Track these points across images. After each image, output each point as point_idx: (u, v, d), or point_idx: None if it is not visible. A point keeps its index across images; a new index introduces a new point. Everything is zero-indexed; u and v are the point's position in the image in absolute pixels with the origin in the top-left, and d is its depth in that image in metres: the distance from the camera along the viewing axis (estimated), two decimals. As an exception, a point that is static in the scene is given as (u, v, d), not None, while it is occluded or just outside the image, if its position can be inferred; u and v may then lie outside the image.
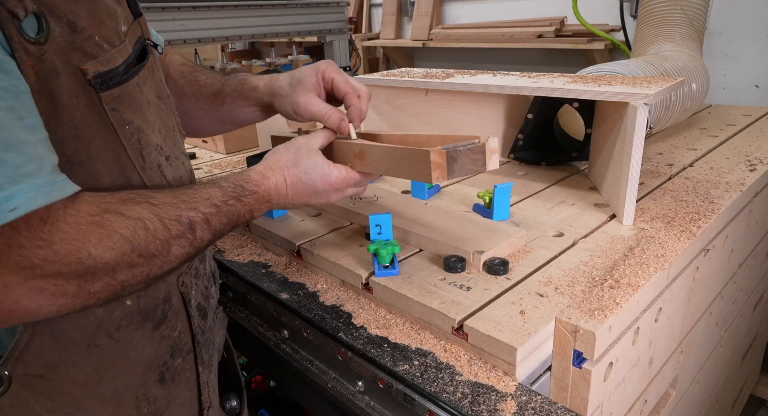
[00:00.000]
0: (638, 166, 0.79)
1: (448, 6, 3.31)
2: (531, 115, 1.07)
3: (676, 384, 0.91)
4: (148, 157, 0.56)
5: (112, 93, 0.51)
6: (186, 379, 0.63)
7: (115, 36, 0.52)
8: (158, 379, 0.60)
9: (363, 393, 0.65)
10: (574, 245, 0.78)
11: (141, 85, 0.56)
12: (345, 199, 0.90)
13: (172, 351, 0.61)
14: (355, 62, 3.33)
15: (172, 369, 0.61)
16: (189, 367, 0.64)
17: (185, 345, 0.63)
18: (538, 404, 0.53)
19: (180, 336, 0.62)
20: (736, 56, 2.10)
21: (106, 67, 0.50)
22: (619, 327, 0.61)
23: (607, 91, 0.84)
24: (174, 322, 0.61)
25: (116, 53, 0.51)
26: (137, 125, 0.54)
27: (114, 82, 0.51)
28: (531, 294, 0.65)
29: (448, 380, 0.57)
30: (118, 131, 0.52)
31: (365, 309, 0.70)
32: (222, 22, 2.09)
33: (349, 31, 2.69)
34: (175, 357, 0.62)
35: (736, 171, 1.03)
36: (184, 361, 0.63)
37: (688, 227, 0.80)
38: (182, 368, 0.63)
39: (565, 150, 1.11)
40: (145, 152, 0.56)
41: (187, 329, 0.63)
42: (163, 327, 0.59)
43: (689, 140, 1.26)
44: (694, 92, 1.23)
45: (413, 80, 1.10)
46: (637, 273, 0.67)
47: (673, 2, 1.50)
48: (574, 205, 0.91)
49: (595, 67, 1.10)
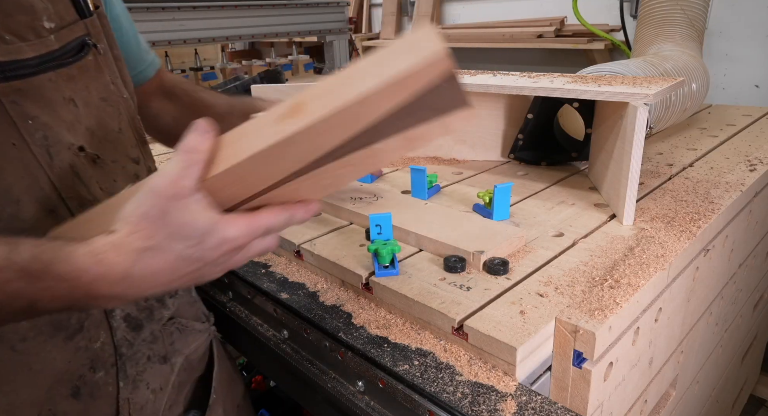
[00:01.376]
0: (638, 166, 0.79)
1: (448, 6, 3.31)
2: (531, 115, 1.07)
3: (676, 384, 0.91)
4: (56, 155, 0.54)
5: (12, 85, 0.50)
6: (107, 394, 0.60)
7: (29, 30, 0.52)
8: (71, 393, 0.57)
9: (363, 393, 0.65)
10: (574, 245, 0.78)
11: (59, 82, 0.55)
12: (345, 199, 0.90)
13: (92, 364, 0.58)
14: (355, 62, 3.33)
15: (91, 382, 0.58)
16: (111, 382, 0.61)
17: (108, 358, 0.60)
18: (538, 404, 0.53)
19: (103, 347, 0.59)
20: (736, 56, 2.10)
21: (6, 57, 0.50)
22: (619, 327, 0.62)
23: (607, 91, 0.84)
24: (94, 332, 0.58)
25: (26, 46, 0.51)
26: (44, 121, 0.53)
27: (15, 74, 0.50)
28: (531, 294, 0.65)
29: (448, 380, 0.57)
30: (18, 125, 0.51)
31: (365, 309, 0.70)
32: (222, 22, 2.09)
33: (349, 31, 2.69)
34: (96, 370, 0.59)
35: (736, 171, 1.03)
36: (107, 375, 0.60)
37: (688, 227, 0.80)
38: (104, 382, 0.60)
39: (565, 150, 1.11)
40: (53, 150, 0.54)
41: (109, 340, 0.60)
42: (79, 337, 0.56)
43: (689, 140, 1.26)
44: (694, 92, 1.23)
45: (413, 80, 1.10)
46: (637, 273, 0.67)
47: (673, 2, 1.50)
48: (574, 205, 0.91)
49: (595, 67, 1.10)
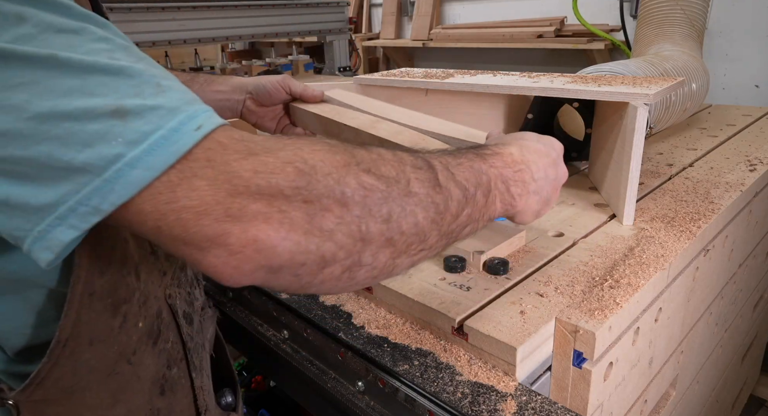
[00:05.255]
0: (638, 166, 0.79)
1: (448, 6, 3.31)
2: (531, 115, 1.07)
3: (676, 384, 0.91)
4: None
5: None
6: (182, 387, 0.63)
7: None
8: (159, 392, 0.59)
9: (363, 393, 0.65)
10: (574, 245, 0.78)
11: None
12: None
13: (168, 363, 0.61)
14: (355, 62, 3.33)
15: (170, 379, 0.61)
16: (183, 375, 0.63)
17: (178, 354, 0.62)
18: (538, 404, 0.53)
19: (173, 346, 0.61)
20: (736, 56, 2.10)
21: None
22: (619, 327, 0.62)
23: (607, 91, 0.84)
24: (167, 334, 0.60)
25: None
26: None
27: None
28: (531, 294, 0.65)
29: (448, 380, 0.57)
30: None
31: (365, 309, 0.70)
32: (222, 22, 2.09)
33: (349, 31, 2.69)
34: (171, 368, 0.61)
35: (736, 171, 1.03)
36: (179, 370, 0.62)
37: (688, 227, 0.80)
38: (178, 376, 0.62)
39: (565, 150, 1.11)
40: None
41: (178, 338, 0.62)
42: (160, 341, 0.59)
43: (689, 140, 1.26)
44: (694, 92, 1.23)
45: (413, 80, 1.10)
46: (637, 273, 0.67)
47: (673, 2, 1.50)
48: (574, 205, 0.91)
49: (595, 67, 1.10)
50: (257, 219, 0.35)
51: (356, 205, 0.37)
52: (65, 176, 0.33)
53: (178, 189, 0.34)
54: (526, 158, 0.53)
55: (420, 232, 0.41)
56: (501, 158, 0.51)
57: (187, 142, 0.35)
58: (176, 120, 0.35)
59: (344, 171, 0.37)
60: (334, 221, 0.36)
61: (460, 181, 0.45)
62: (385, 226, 0.39)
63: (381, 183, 0.39)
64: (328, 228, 0.36)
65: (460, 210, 0.44)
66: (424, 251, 0.43)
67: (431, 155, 0.45)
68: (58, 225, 0.34)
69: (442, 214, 0.42)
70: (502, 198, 0.50)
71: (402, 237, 0.40)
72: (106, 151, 0.33)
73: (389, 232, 0.39)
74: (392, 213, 0.39)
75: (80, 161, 0.33)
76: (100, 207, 0.34)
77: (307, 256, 0.36)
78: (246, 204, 0.35)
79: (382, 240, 0.39)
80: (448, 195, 0.43)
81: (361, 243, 0.38)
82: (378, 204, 0.38)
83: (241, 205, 0.34)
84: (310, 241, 0.36)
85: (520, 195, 0.51)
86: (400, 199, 0.39)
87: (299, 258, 0.36)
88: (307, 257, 0.36)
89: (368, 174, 0.38)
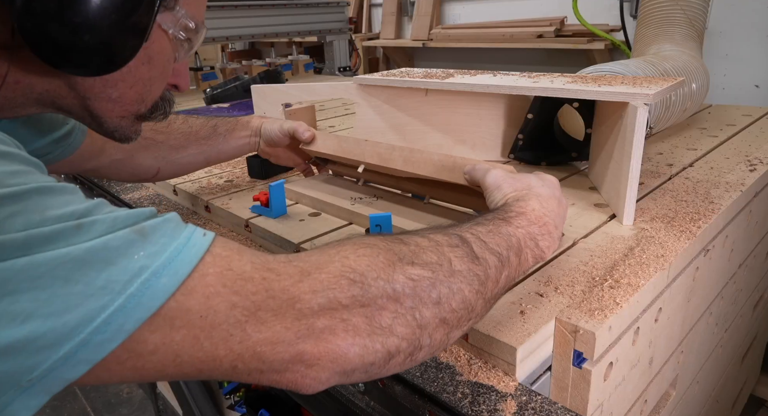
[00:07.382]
0: (638, 166, 0.79)
1: (448, 6, 3.31)
2: (531, 115, 1.07)
3: (676, 384, 0.91)
4: None
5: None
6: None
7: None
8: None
9: (363, 393, 0.65)
10: (574, 245, 0.78)
11: None
12: (345, 199, 0.91)
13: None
14: (355, 62, 3.33)
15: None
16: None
17: None
18: (538, 404, 0.53)
19: None
20: (736, 56, 2.10)
21: None
22: (619, 327, 0.61)
23: (607, 91, 0.84)
24: None
25: None
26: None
27: None
28: (531, 294, 0.65)
29: (448, 380, 0.57)
30: None
31: (365, 309, 0.70)
32: (222, 22, 2.09)
33: (349, 31, 2.70)
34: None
35: (736, 171, 1.03)
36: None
37: (688, 227, 0.80)
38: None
39: (565, 150, 1.11)
40: None
41: None
42: None
43: (689, 140, 1.26)
44: (694, 92, 1.23)
45: (413, 80, 1.10)
46: (637, 273, 0.67)
47: (673, 2, 1.50)
48: (574, 205, 0.91)
49: (595, 67, 1.10)
50: (324, 332, 0.38)
51: (407, 297, 0.40)
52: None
53: (247, 326, 0.36)
54: (546, 210, 0.57)
55: (468, 306, 0.44)
56: (525, 217, 0.55)
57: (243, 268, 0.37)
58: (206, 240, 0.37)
59: (390, 270, 0.41)
60: (390, 316, 0.40)
61: (494, 248, 0.48)
62: (437, 309, 0.42)
63: (426, 271, 0.42)
64: (387, 324, 0.40)
65: (499, 274, 0.48)
66: (472, 320, 0.46)
67: (461, 229, 0.49)
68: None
69: (484, 283, 0.46)
70: (533, 253, 0.54)
71: (453, 314, 0.43)
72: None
73: (442, 313, 0.42)
74: (441, 295, 0.42)
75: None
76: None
77: (375, 355, 0.40)
78: (312, 322, 0.37)
79: (436, 322, 0.42)
80: (486, 265, 0.46)
81: (419, 330, 0.41)
82: (427, 290, 0.41)
83: (308, 324, 0.37)
84: (375, 340, 0.39)
85: (548, 246, 0.56)
86: (447, 281, 0.43)
87: (369, 358, 0.39)
88: (375, 356, 0.40)
89: (413, 266, 0.42)
